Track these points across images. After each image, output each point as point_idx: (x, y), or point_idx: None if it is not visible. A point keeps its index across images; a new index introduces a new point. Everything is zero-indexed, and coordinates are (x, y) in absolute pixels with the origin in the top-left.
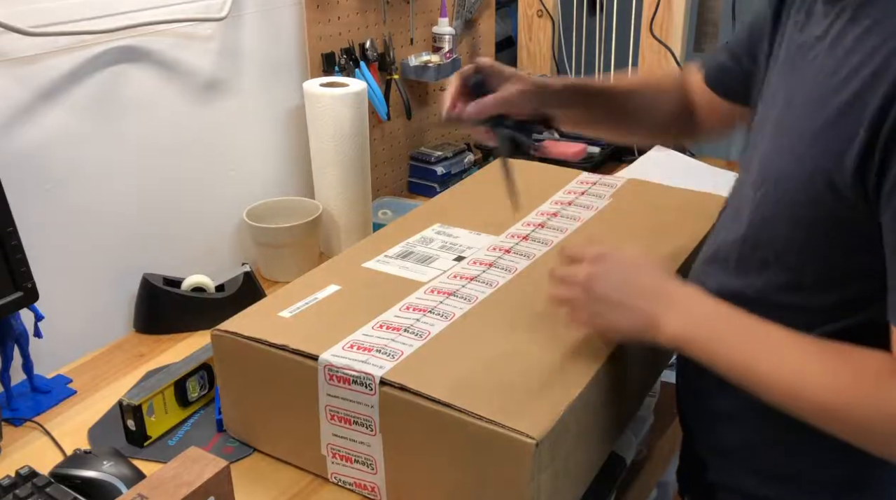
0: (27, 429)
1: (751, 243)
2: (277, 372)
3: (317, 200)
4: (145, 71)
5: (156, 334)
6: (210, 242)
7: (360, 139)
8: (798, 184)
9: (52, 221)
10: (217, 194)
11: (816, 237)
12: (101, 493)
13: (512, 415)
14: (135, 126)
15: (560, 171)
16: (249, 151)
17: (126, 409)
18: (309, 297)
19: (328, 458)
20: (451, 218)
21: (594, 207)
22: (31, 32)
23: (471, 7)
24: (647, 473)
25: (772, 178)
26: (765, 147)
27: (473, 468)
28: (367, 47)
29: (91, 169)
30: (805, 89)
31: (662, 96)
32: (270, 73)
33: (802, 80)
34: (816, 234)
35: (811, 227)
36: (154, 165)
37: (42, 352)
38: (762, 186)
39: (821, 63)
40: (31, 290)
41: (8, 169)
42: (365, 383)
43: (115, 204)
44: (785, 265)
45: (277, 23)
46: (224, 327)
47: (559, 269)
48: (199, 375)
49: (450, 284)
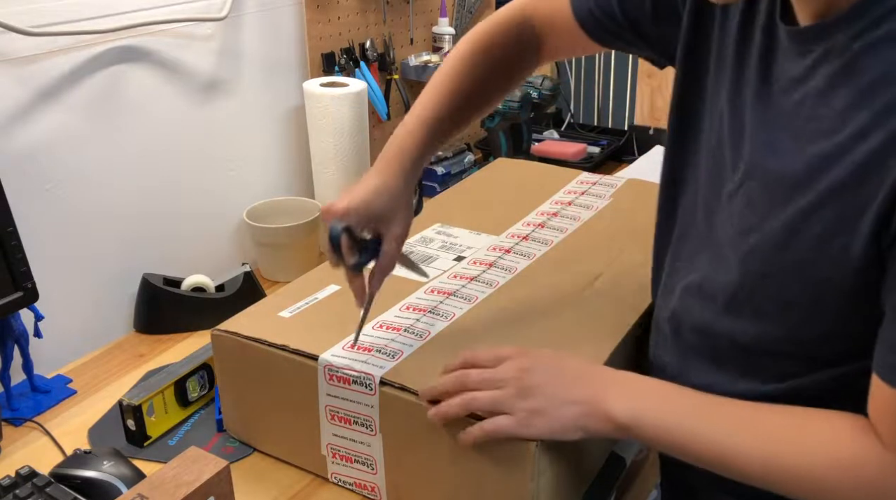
0: (27, 429)
1: (747, 292)
2: (277, 372)
3: (317, 200)
4: (145, 71)
5: (156, 334)
6: (210, 242)
7: (360, 139)
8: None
9: (52, 221)
10: (217, 194)
11: (826, 297)
12: (101, 493)
13: None
14: (135, 126)
15: (560, 171)
16: (249, 151)
17: (126, 409)
18: (309, 297)
19: (328, 458)
20: (451, 218)
21: (594, 207)
22: (31, 32)
23: (471, 7)
24: (647, 473)
25: (771, 231)
26: (750, 193)
27: (473, 468)
28: (367, 47)
29: (91, 169)
30: (797, 141)
31: (509, 71)
32: (270, 73)
33: (789, 127)
34: (826, 293)
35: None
36: (154, 164)
37: (42, 352)
38: (749, 234)
39: (811, 113)
40: (31, 290)
41: (8, 169)
42: (365, 383)
43: (115, 204)
44: (786, 321)
45: (277, 23)
46: (224, 327)
47: (470, 373)
48: (199, 375)
49: (450, 284)
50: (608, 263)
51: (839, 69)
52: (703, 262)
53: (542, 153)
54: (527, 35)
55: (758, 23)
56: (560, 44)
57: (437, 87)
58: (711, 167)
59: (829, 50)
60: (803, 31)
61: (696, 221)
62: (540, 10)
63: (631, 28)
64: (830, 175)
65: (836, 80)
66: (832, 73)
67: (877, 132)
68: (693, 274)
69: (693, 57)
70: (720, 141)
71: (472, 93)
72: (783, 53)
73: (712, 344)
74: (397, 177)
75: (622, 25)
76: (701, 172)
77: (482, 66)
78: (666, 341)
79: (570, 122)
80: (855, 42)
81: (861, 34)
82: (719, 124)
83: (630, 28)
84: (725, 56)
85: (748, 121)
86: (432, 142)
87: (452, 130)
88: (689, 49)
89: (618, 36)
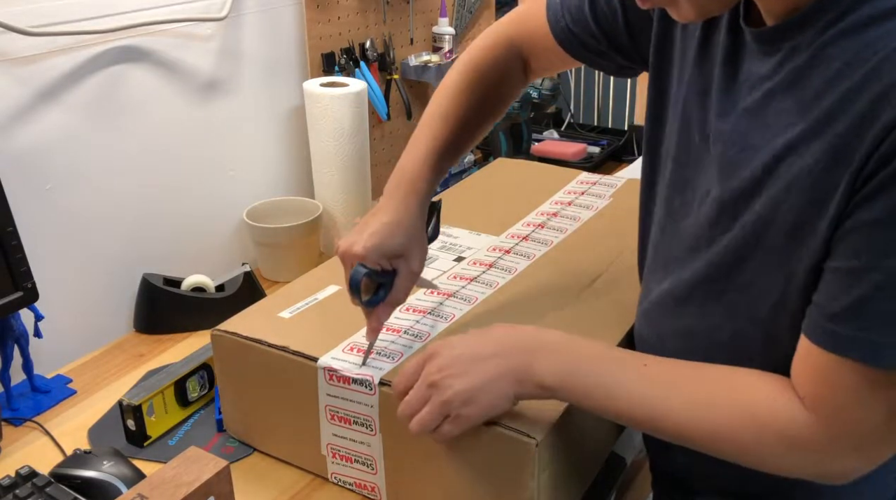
0: (27, 429)
1: (721, 287)
2: (277, 372)
3: (317, 200)
4: (145, 71)
5: (156, 334)
6: (210, 242)
7: (360, 139)
8: (779, 234)
9: (53, 221)
10: (217, 194)
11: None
12: (101, 493)
13: (512, 415)
14: (135, 126)
15: (560, 171)
16: (249, 151)
17: (126, 409)
18: (309, 297)
19: (328, 458)
20: (451, 218)
21: (594, 207)
22: (31, 32)
23: (471, 7)
24: (647, 473)
25: (743, 226)
26: (721, 192)
27: (473, 468)
28: (367, 47)
29: (91, 169)
30: (764, 135)
31: (502, 90)
32: (270, 73)
33: (757, 122)
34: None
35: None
36: (154, 164)
37: (42, 352)
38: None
39: (778, 106)
40: (31, 290)
41: (8, 169)
42: (365, 383)
43: (116, 204)
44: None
45: (277, 23)
46: (224, 327)
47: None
48: (199, 375)
49: (449, 284)
50: (608, 263)
51: (806, 61)
52: (673, 267)
53: (542, 153)
54: (513, 57)
55: (720, 26)
56: (544, 62)
57: (435, 116)
58: (676, 171)
59: (796, 47)
60: (769, 31)
61: (664, 227)
62: (522, 32)
63: (606, 40)
64: (798, 162)
65: (804, 72)
66: (799, 67)
67: (842, 117)
68: (665, 282)
69: (660, 64)
70: (687, 142)
71: (470, 118)
72: (749, 54)
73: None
74: (412, 213)
75: (598, 39)
76: (667, 176)
77: (476, 91)
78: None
79: (570, 122)
80: (821, 36)
81: (826, 29)
82: (684, 127)
83: (605, 40)
84: (687, 59)
85: (714, 121)
86: (440, 171)
87: (455, 156)
88: (658, 55)
89: (596, 52)
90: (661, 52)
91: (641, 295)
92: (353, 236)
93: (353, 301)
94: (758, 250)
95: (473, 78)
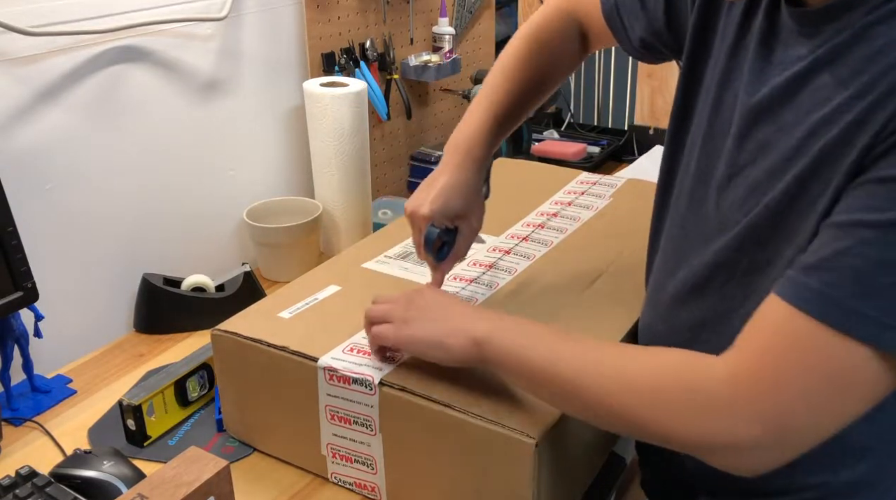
0: (27, 429)
1: (743, 268)
2: (277, 372)
3: (317, 200)
4: (145, 71)
5: (156, 334)
6: (210, 242)
7: (360, 139)
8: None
9: (53, 220)
10: (217, 194)
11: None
12: (101, 493)
13: (512, 415)
14: (135, 126)
15: (560, 171)
16: (249, 151)
17: (126, 409)
18: (309, 297)
19: (328, 458)
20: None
21: (594, 207)
22: (31, 32)
23: (471, 7)
24: None
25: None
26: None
27: (473, 468)
28: (367, 47)
29: (91, 169)
30: (797, 114)
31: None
32: (270, 72)
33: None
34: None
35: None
36: (154, 164)
37: (42, 352)
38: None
39: (816, 82)
40: (31, 290)
41: (8, 169)
42: (365, 382)
43: (116, 204)
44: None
45: (277, 23)
46: (224, 327)
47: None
48: (199, 375)
49: (450, 285)
50: (608, 263)
51: (847, 39)
52: (691, 257)
53: (542, 153)
54: (572, 28)
55: (759, 12)
56: (600, 37)
57: (498, 80)
58: (701, 160)
59: (840, 29)
60: (815, 12)
61: (685, 219)
62: (579, 6)
63: (649, 27)
64: (825, 138)
65: (843, 50)
66: (838, 44)
67: (874, 92)
68: (680, 273)
69: (696, 52)
70: (715, 131)
71: (532, 84)
72: (787, 36)
73: (706, 338)
74: (472, 173)
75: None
76: (691, 165)
77: (538, 57)
78: None
79: (570, 122)
80: (868, 16)
81: (875, 9)
82: (714, 114)
83: (648, 27)
84: (723, 49)
85: (745, 100)
86: (499, 133)
87: (514, 121)
88: (695, 42)
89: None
90: (699, 41)
91: (651, 291)
92: (419, 198)
93: (424, 258)
94: (780, 226)
95: (534, 48)
